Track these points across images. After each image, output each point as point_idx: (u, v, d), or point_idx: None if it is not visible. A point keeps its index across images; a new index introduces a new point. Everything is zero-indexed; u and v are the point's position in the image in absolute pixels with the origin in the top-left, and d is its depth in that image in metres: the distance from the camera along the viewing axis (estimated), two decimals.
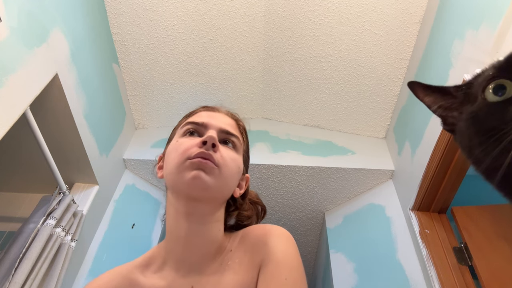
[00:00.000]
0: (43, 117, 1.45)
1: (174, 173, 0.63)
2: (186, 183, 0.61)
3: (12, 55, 1.14)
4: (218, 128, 0.68)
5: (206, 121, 0.68)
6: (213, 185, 0.62)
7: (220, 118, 0.71)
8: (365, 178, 2.08)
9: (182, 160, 0.62)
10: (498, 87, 0.39)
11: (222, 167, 0.63)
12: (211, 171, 0.61)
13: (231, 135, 0.69)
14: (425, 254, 1.51)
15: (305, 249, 2.59)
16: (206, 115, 0.71)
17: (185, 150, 0.63)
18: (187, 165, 0.61)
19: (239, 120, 0.78)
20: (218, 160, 0.63)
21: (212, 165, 0.62)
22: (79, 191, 1.72)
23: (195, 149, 0.62)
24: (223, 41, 1.99)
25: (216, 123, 0.69)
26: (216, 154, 0.63)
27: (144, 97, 2.14)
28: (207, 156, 0.61)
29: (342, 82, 2.05)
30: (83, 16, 1.59)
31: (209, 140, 0.62)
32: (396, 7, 1.75)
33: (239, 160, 0.69)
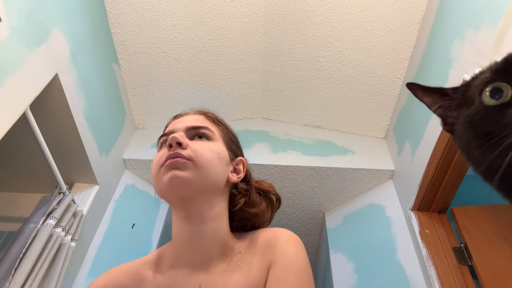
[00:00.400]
0: (43, 117, 1.45)
1: (155, 184, 0.66)
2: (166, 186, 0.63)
3: (12, 55, 1.14)
4: (184, 127, 0.69)
5: (172, 128, 0.70)
6: (190, 177, 0.63)
7: (186, 119, 0.72)
8: (365, 178, 2.08)
9: (158, 169, 0.65)
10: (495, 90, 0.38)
11: (194, 158, 0.64)
12: (184, 165, 0.63)
13: (198, 128, 0.70)
14: (425, 254, 1.51)
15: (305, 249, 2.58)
16: (173, 123, 0.73)
17: (158, 160, 0.65)
18: (162, 171, 0.64)
19: (208, 112, 0.77)
20: (189, 154, 0.64)
21: (182, 160, 0.63)
22: (79, 191, 1.72)
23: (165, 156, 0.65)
24: (223, 41, 1.99)
25: (182, 125, 0.70)
26: (186, 150, 0.64)
27: (144, 97, 2.14)
28: (175, 155, 0.63)
29: (342, 82, 2.05)
30: (83, 16, 1.59)
31: (171, 141, 0.64)
32: (396, 7, 1.75)
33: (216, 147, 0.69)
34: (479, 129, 0.39)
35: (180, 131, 0.68)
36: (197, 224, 0.66)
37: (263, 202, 0.78)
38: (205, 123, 0.72)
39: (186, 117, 0.74)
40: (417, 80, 1.77)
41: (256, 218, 0.77)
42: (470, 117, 0.41)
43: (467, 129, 0.41)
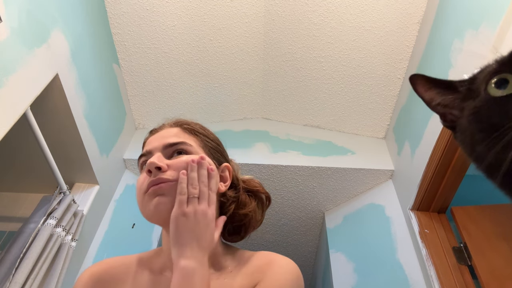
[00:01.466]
0: (44, 117, 1.45)
1: (142, 210, 0.65)
2: (152, 215, 0.62)
3: (13, 56, 1.15)
4: (161, 146, 0.66)
5: (148, 148, 0.67)
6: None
7: (162, 135, 0.69)
8: (365, 178, 2.08)
9: (141, 197, 0.64)
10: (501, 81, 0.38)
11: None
12: (168, 190, 0.61)
13: (175, 144, 0.66)
14: (425, 254, 1.51)
15: (305, 249, 2.59)
16: (149, 141, 0.69)
17: (140, 187, 0.64)
18: (146, 199, 0.62)
19: (184, 123, 0.73)
20: (172, 176, 0.61)
21: (166, 185, 0.61)
22: (80, 191, 1.72)
23: (146, 181, 0.63)
24: (223, 41, 2.00)
25: (158, 143, 0.67)
26: (168, 172, 0.62)
27: (144, 97, 2.14)
28: (156, 181, 0.61)
29: (342, 82, 2.05)
30: (83, 17, 1.59)
31: (149, 167, 0.62)
32: (396, 7, 1.76)
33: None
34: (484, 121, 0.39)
35: (157, 151, 0.65)
36: None
37: (253, 202, 0.76)
38: (181, 137, 0.68)
39: (161, 132, 0.70)
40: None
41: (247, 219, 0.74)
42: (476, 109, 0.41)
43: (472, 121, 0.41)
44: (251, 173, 2.09)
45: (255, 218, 0.76)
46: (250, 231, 0.77)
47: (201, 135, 0.72)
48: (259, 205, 0.78)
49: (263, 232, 2.48)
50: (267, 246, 2.56)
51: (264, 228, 2.45)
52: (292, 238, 2.51)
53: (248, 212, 0.74)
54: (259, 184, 0.79)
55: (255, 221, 0.76)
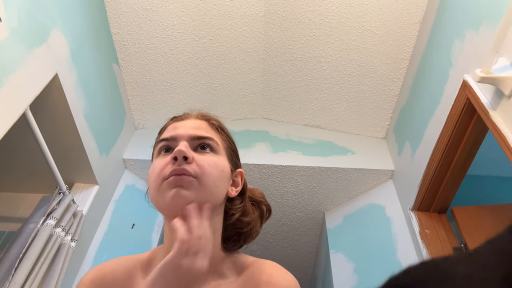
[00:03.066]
0: (43, 117, 1.45)
1: (155, 197, 0.62)
2: (168, 204, 0.59)
3: (12, 55, 1.14)
4: (189, 136, 0.64)
5: (174, 133, 0.64)
6: (194, 198, 0.59)
7: (189, 125, 0.66)
8: (365, 178, 2.08)
9: (159, 182, 0.60)
10: None
11: (200, 176, 0.60)
12: (190, 184, 0.59)
13: (204, 138, 0.64)
14: (425, 254, 1.51)
15: (305, 249, 2.59)
16: (174, 127, 0.67)
17: (160, 171, 0.61)
18: (165, 186, 0.59)
19: (211, 118, 0.71)
20: (195, 170, 0.59)
21: (188, 178, 0.59)
22: (79, 191, 1.72)
23: (168, 168, 0.60)
24: (223, 41, 1.99)
25: (185, 132, 0.64)
26: (191, 165, 0.60)
27: (144, 97, 2.14)
28: (180, 172, 0.59)
29: (342, 82, 2.05)
30: (83, 16, 1.59)
31: (178, 154, 0.59)
32: (396, 7, 1.75)
33: (220, 161, 0.65)
34: None
35: (183, 140, 0.63)
36: None
37: (256, 212, 0.75)
38: (209, 133, 0.66)
39: (187, 121, 0.68)
40: (417, 80, 1.77)
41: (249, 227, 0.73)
42: None
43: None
44: (251, 173, 2.09)
45: (255, 228, 0.74)
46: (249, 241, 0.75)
47: (225, 134, 0.70)
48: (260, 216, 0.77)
49: (263, 232, 2.47)
50: (267, 246, 2.56)
51: (264, 228, 2.44)
52: (292, 238, 2.51)
53: (251, 220, 0.72)
54: (262, 195, 0.78)
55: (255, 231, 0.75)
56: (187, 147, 0.61)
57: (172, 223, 0.57)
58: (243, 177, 0.72)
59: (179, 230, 0.55)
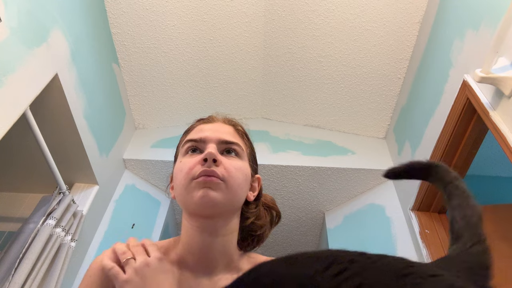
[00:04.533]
0: (43, 117, 1.45)
1: (183, 194, 0.64)
2: (195, 203, 0.62)
3: (12, 55, 1.14)
4: (217, 139, 0.67)
5: (203, 135, 0.67)
6: (222, 200, 0.62)
7: (217, 128, 0.70)
8: (365, 178, 2.08)
9: (188, 181, 0.63)
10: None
11: (227, 180, 0.63)
12: (217, 186, 0.62)
13: (231, 143, 0.67)
14: (425, 254, 1.51)
15: (305, 249, 2.58)
16: (201, 129, 0.70)
17: (189, 170, 0.63)
18: (194, 185, 0.62)
19: (237, 124, 0.75)
20: (223, 173, 0.63)
21: (217, 180, 0.62)
22: (79, 191, 1.72)
23: (198, 168, 0.63)
24: (223, 41, 1.99)
25: (214, 135, 0.67)
26: (219, 168, 0.63)
27: (144, 97, 2.14)
28: (210, 173, 0.62)
29: (342, 82, 2.05)
30: (83, 16, 1.59)
31: (209, 156, 0.62)
32: (396, 7, 1.76)
33: (244, 166, 0.68)
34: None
35: (213, 143, 0.66)
36: (208, 237, 0.66)
37: (267, 216, 0.78)
38: (236, 138, 0.69)
39: (216, 125, 0.71)
40: (417, 80, 1.77)
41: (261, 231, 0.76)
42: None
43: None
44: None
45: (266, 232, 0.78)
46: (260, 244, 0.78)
47: (249, 142, 0.74)
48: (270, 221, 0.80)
49: None
50: (267, 246, 2.56)
51: None
52: (292, 238, 2.51)
53: (263, 224, 0.75)
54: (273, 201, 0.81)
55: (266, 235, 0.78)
56: (216, 150, 0.64)
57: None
58: (260, 183, 0.75)
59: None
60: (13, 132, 1.18)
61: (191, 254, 0.68)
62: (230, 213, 0.67)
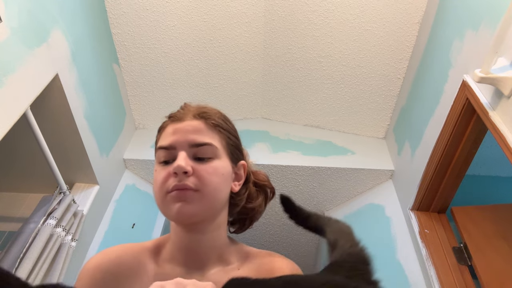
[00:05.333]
0: (44, 117, 1.45)
1: (161, 206, 0.64)
2: (173, 217, 0.62)
3: (13, 55, 1.15)
4: (187, 144, 0.63)
5: (173, 141, 0.64)
6: (198, 211, 0.61)
7: (186, 128, 0.65)
8: (365, 178, 2.08)
9: (163, 194, 0.62)
10: None
11: (201, 188, 0.61)
12: (192, 198, 0.60)
13: (201, 145, 0.63)
14: (425, 254, 1.51)
15: (305, 249, 2.59)
16: (172, 132, 0.65)
17: (162, 183, 0.62)
18: (169, 199, 0.61)
19: (208, 116, 0.67)
20: (195, 183, 0.61)
21: (190, 193, 0.60)
22: (80, 191, 1.72)
23: (171, 182, 0.61)
24: (223, 41, 2.00)
25: (183, 138, 0.63)
26: (191, 178, 0.61)
27: (144, 97, 2.14)
28: (182, 187, 0.60)
29: (342, 82, 2.05)
30: (83, 16, 1.59)
31: (177, 171, 0.60)
32: (396, 7, 1.76)
33: (220, 165, 0.64)
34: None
35: (182, 149, 0.63)
36: (196, 235, 0.66)
37: (260, 196, 0.76)
38: (208, 135, 0.65)
39: (184, 124, 0.65)
40: (417, 80, 1.78)
41: (253, 213, 0.75)
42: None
43: None
44: None
45: (259, 211, 0.77)
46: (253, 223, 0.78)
47: (225, 131, 0.68)
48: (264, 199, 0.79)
49: (263, 232, 2.48)
50: (267, 246, 2.56)
51: (264, 228, 2.45)
52: (292, 238, 2.51)
53: (255, 206, 0.74)
54: (266, 178, 0.79)
55: (259, 213, 0.77)
56: (186, 160, 0.61)
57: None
58: (245, 169, 0.72)
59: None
60: (13, 132, 1.18)
61: (181, 252, 0.68)
62: (213, 214, 0.66)
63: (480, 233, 1.47)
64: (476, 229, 1.49)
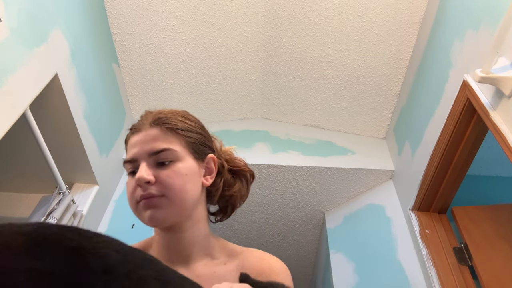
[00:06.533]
0: (43, 117, 1.45)
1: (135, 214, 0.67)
2: (147, 223, 0.65)
3: (12, 55, 1.14)
4: (146, 154, 0.66)
5: (134, 154, 0.67)
6: (169, 215, 0.65)
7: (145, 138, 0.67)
8: (365, 178, 2.08)
9: (134, 204, 0.66)
10: None
11: (166, 193, 0.64)
12: (159, 204, 0.64)
13: (160, 152, 0.66)
14: (425, 254, 1.51)
15: (305, 249, 2.58)
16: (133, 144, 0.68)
17: (131, 194, 0.66)
18: (139, 208, 0.65)
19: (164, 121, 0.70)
20: (159, 190, 0.64)
21: (156, 200, 0.64)
22: (79, 191, 1.72)
23: (138, 192, 0.65)
24: (223, 41, 1.99)
25: (142, 149, 0.66)
26: (155, 186, 0.64)
27: (144, 97, 2.14)
28: (147, 196, 0.64)
29: (342, 82, 2.05)
30: (83, 16, 1.59)
31: (138, 183, 0.64)
32: (396, 7, 1.75)
33: (182, 167, 0.66)
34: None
35: (143, 160, 0.66)
36: (175, 234, 0.69)
37: (238, 182, 0.78)
38: (165, 141, 0.67)
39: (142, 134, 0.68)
40: (417, 80, 1.77)
41: (233, 199, 0.77)
42: None
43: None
44: None
45: (240, 196, 0.78)
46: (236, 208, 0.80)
47: (183, 132, 0.70)
48: (244, 182, 0.80)
49: (263, 232, 2.48)
50: (267, 246, 2.56)
51: (264, 228, 2.44)
52: (292, 239, 2.51)
53: (233, 193, 0.76)
54: (243, 162, 0.80)
55: (240, 198, 0.79)
56: (147, 170, 0.64)
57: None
58: (215, 161, 0.73)
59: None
60: (13, 132, 1.18)
61: (165, 249, 0.72)
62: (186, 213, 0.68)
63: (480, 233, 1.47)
64: (477, 229, 1.48)
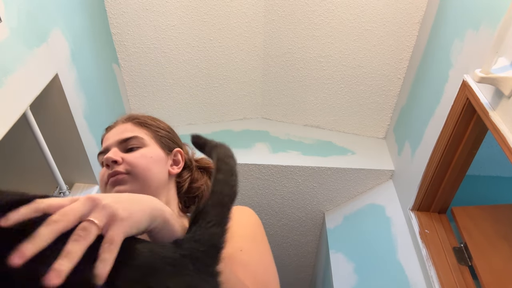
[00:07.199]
0: (43, 117, 1.45)
1: None
2: None
3: (12, 55, 1.14)
4: (116, 143, 0.75)
5: (106, 145, 0.76)
6: (133, 189, 0.70)
7: (116, 132, 0.77)
8: (365, 178, 2.08)
9: (103, 187, 0.73)
10: None
11: (131, 170, 0.71)
12: (124, 181, 0.70)
13: (128, 139, 0.75)
14: (425, 254, 1.51)
15: (305, 249, 2.59)
16: (106, 139, 0.78)
17: (101, 178, 0.73)
18: (108, 188, 0.72)
19: (134, 117, 0.81)
20: (126, 168, 0.71)
21: (121, 176, 0.70)
22: (79, 191, 1.72)
23: (106, 174, 0.72)
24: (223, 41, 1.99)
25: (113, 140, 0.75)
26: (122, 165, 0.71)
27: (144, 97, 2.14)
28: (113, 174, 0.70)
29: (342, 82, 2.05)
30: (83, 16, 1.59)
31: (106, 161, 0.71)
32: (396, 7, 1.76)
33: (149, 151, 0.75)
34: None
35: (113, 147, 0.74)
36: None
37: (205, 176, 0.87)
38: (133, 132, 0.76)
39: (115, 129, 0.79)
40: (417, 80, 1.78)
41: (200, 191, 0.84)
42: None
43: None
44: (251, 173, 2.09)
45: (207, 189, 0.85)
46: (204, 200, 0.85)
47: (152, 126, 0.80)
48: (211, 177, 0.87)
49: None
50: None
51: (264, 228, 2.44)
52: (292, 239, 2.51)
53: (200, 185, 0.84)
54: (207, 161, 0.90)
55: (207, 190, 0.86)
56: (115, 152, 0.72)
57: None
58: (182, 155, 0.83)
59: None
60: (13, 132, 1.18)
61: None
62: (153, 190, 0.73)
63: (480, 233, 1.47)
64: (477, 229, 1.49)
